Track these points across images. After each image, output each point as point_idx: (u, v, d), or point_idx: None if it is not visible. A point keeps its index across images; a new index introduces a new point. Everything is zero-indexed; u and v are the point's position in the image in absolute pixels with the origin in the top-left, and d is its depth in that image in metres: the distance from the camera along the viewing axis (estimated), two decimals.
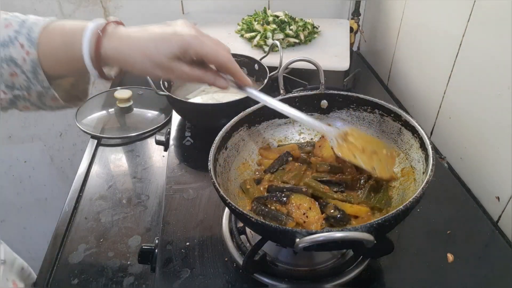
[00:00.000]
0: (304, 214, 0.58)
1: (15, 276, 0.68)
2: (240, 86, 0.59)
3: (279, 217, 0.58)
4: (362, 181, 0.64)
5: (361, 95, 0.71)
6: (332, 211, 0.58)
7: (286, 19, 1.21)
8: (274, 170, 0.69)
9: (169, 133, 0.97)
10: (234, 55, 1.05)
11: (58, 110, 0.60)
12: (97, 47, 0.51)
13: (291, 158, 0.70)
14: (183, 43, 0.52)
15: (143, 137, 1.05)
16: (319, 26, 1.26)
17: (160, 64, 0.52)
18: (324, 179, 0.64)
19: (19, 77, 0.52)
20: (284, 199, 0.59)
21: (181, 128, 0.99)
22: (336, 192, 0.63)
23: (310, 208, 0.59)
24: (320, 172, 0.67)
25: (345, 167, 0.67)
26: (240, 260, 0.63)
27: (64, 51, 0.53)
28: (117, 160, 0.98)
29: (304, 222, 0.57)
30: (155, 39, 0.52)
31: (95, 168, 0.95)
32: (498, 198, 0.76)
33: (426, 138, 0.60)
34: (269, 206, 0.60)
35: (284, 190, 0.62)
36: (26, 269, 0.74)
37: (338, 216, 0.57)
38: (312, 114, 0.76)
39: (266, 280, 0.60)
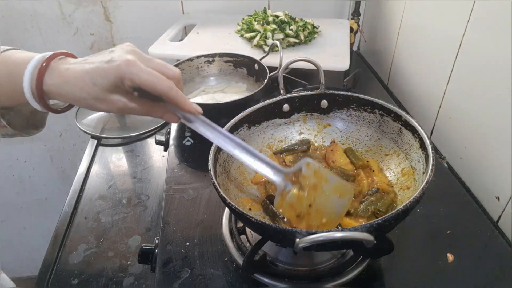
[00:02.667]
0: None
1: None
2: (188, 118, 0.55)
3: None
4: (369, 194, 0.63)
5: (361, 95, 0.71)
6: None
7: (286, 19, 1.21)
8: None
9: (169, 133, 0.97)
10: (234, 55, 1.06)
11: (8, 138, 0.59)
12: (38, 83, 0.49)
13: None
14: (117, 72, 0.48)
15: (143, 137, 1.05)
16: (319, 26, 1.26)
17: (99, 98, 0.49)
18: None
19: None
20: None
21: (181, 128, 0.99)
22: None
23: None
24: None
25: (359, 176, 0.66)
26: (240, 260, 0.63)
27: (8, 83, 0.51)
28: (117, 160, 0.98)
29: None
30: (91, 71, 0.49)
31: (95, 168, 0.95)
32: (498, 198, 0.76)
33: (426, 138, 0.60)
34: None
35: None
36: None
37: None
38: (312, 114, 0.76)
39: (266, 280, 0.60)
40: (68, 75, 0.49)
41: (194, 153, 0.91)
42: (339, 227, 0.58)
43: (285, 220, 0.58)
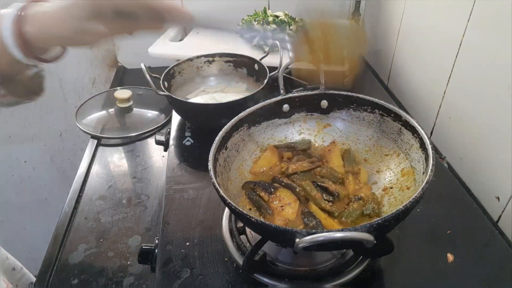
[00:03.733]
0: (281, 206, 0.61)
1: (3, 276, 0.68)
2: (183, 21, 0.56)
3: (258, 201, 0.62)
4: (353, 200, 0.63)
5: (361, 95, 0.71)
6: (309, 218, 0.59)
7: (286, 19, 1.21)
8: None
9: (169, 133, 0.97)
10: (234, 55, 1.06)
11: (11, 106, 0.61)
12: (18, 33, 0.50)
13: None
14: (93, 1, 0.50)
15: (143, 137, 1.05)
16: None
17: (78, 30, 0.51)
18: (322, 184, 0.64)
19: None
20: (272, 189, 0.63)
21: (181, 128, 0.99)
22: (325, 200, 0.62)
23: (289, 204, 0.61)
24: (322, 176, 0.67)
25: (347, 180, 0.67)
26: (240, 260, 0.63)
27: None
28: (117, 160, 0.98)
29: (278, 213, 0.60)
30: (65, 6, 0.50)
31: (95, 168, 0.95)
32: (498, 198, 0.76)
33: (426, 138, 0.60)
34: (257, 192, 0.64)
35: (283, 183, 0.65)
36: (19, 271, 0.73)
37: (312, 225, 0.58)
38: (312, 114, 0.76)
39: (266, 280, 0.60)
40: (45, 17, 0.51)
41: (194, 153, 0.91)
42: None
43: (270, 212, 0.61)
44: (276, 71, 0.94)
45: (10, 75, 0.57)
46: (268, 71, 0.97)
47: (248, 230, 0.69)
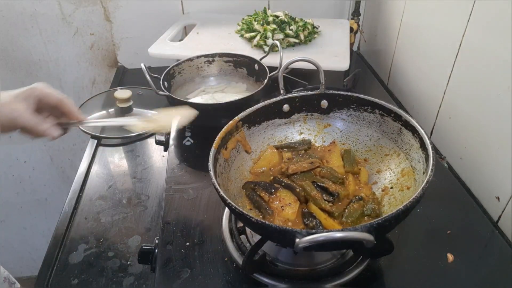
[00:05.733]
0: (281, 206, 0.61)
1: None
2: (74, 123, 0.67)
3: (258, 201, 0.62)
4: (353, 200, 0.63)
5: (361, 95, 0.71)
6: (309, 218, 0.59)
7: (286, 19, 1.21)
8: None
9: (169, 133, 0.97)
10: (234, 55, 1.06)
11: None
12: None
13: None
14: (35, 90, 0.62)
15: (143, 137, 1.05)
16: (319, 26, 1.26)
17: (25, 117, 0.60)
18: (322, 185, 0.64)
19: None
20: (272, 190, 0.63)
21: (181, 128, 0.99)
22: (325, 200, 0.62)
23: (289, 204, 0.61)
24: (322, 176, 0.67)
25: (347, 180, 0.67)
26: (240, 260, 0.63)
27: None
28: (117, 160, 0.98)
29: (278, 214, 0.60)
30: (17, 94, 0.61)
31: (95, 168, 0.95)
32: (498, 198, 0.76)
33: (426, 138, 0.60)
34: (257, 192, 0.64)
35: (283, 184, 0.65)
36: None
37: (312, 225, 0.58)
38: (312, 114, 0.76)
39: (266, 280, 0.60)
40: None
41: (194, 153, 0.91)
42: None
43: (270, 212, 0.61)
44: (276, 71, 0.94)
45: None
46: (268, 71, 0.97)
47: (248, 230, 0.69)
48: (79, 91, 1.51)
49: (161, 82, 0.95)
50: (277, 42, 0.97)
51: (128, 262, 0.72)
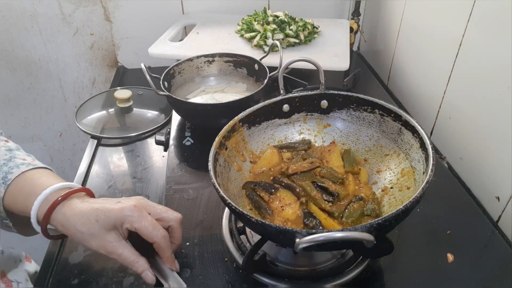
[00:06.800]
0: (281, 207, 0.61)
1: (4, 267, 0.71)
2: (164, 274, 0.59)
3: (259, 201, 0.63)
4: (353, 200, 0.63)
5: (361, 95, 0.71)
6: (309, 218, 0.59)
7: (286, 19, 1.21)
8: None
9: (169, 133, 0.97)
10: (234, 55, 1.06)
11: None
12: (46, 214, 0.55)
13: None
14: (120, 214, 0.54)
15: (143, 137, 1.05)
16: (319, 26, 1.26)
17: (95, 235, 0.55)
18: (322, 185, 0.64)
19: None
20: (272, 190, 0.63)
21: (181, 128, 0.99)
22: (325, 200, 0.62)
23: (289, 204, 0.62)
24: (322, 176, 0.67)
25: (347, 180, 0.67)
26: (240, 260, 0.63)
27: (23, 202, 0.57)
28: (117, 160, 0.98)
29: (278, 214, 0.61)
30: (97, 210, 0.55)
31: (95, 168, 0.95)
32: (498, 198, 0.76)
33: (426, 138, 0.60)
34: (257, 192, 0.64)
35: (283, 184, 0.65)
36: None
37: (312, 225, 0.58)
38: (312, 114, 0.76)
39: (266, 280, 0.60)
40: (75, 211, 0.55)
41: (194, 153, 0.91)
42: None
43: (270, 212, 0.61)
44: (276, 71, 0.94)
45: (22, 221, 0.61)
46: (268, 71, 0.97)
47: (248, 230, 0.69)
48: (79, 91, 1.51)
49: (161, 82, 0.95)
50: (277, 42, 0.97)
51: None
